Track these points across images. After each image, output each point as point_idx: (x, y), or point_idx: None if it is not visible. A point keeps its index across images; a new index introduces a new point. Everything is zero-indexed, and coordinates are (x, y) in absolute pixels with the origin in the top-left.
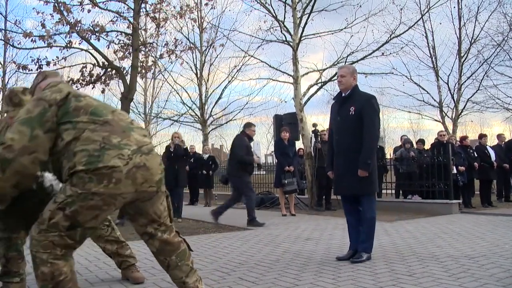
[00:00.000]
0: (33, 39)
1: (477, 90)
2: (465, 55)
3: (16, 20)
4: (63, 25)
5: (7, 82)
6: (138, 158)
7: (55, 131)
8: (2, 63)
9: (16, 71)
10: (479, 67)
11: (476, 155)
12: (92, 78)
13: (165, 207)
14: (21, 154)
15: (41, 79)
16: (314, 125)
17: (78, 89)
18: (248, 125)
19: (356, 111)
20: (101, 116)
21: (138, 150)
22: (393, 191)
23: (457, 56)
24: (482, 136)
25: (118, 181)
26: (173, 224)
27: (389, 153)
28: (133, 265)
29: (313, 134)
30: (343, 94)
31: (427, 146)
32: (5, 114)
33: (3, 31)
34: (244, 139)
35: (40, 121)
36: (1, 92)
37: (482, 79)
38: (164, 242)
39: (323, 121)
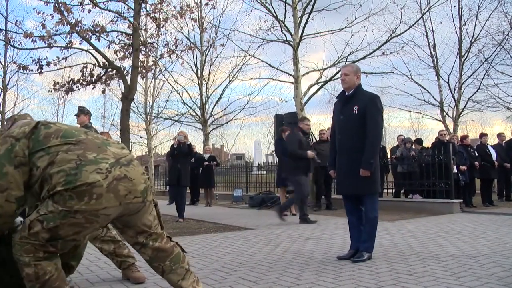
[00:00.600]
0: (34, 40)
1: (477, 89)
2: (466, 54)
3: (17, 20)
4: (64, 25)
5: (8, 82)
6: (118, 170)
7: (27, 164)
8: (3, 63)
9: (16, 71)
10: (480, 66)
11: (477, 154)
12: (93, 78)
13: (154, 216)
14: None
15: (11, 124)
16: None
17: (78, 89)
18: (302, 119)
19: (359, 110)
20: (73, 137)
21: (117, 162)
22: (393, 191)
23: (458, 55)
24: (483, 135)
25: (99, 196)
26: (163, 231)
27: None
28: (133, 265)
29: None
30: (346, 93)
31: (425, 145)
32: None
33: (3, 31)
34: (297, 133)
35: (8, 157)
36: (2, 93)
37: (483, 78)
38: (156, 250)
39: (323, 121)
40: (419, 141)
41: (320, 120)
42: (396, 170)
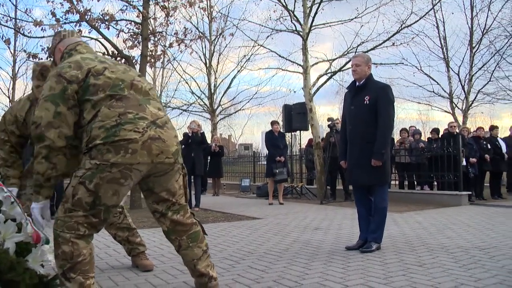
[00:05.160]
0: (43, 28)
1: (488, 81)
2: (477, 46)
3: (27, 8)
4: (73, 14)
5: (18, 70)
6: (153, 130)
7: (78, 107)
8: (13, 52)
9: (26, 59)
10: (491, 58)
11: (489, 147)
12: None
13: (181, 185)
14: (47, 130)
15: (59, 40)
16: (330, 119)
17: None
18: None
19: (370, 101)
20: (117, 92)
21: (153, 123)
22: (397, 182)
23: (469, 47)
24: (493, 128)
25: (134, 151)
26: (187, 204)
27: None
28: (142, 253)
29: (328, 128)
30: (357, 83)
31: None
32: (35, 88)
33: (13, 20)
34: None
35: (62, 97)
36: (12, 81)
37: (494, 70)
38: (175, 222)
39: (331, 112)
40: (436, 130)
41: (328, 111)
42: (398, 162)
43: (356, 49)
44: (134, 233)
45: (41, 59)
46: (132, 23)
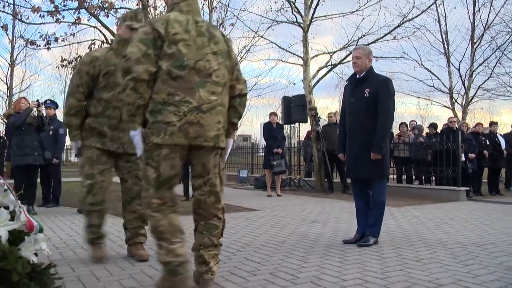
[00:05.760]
0: (42, 15)
1: (488, 77)
2: (478, 41)
3: None
4: (72, 1)
5: (16, 57)
6: (193, 115)
7: (158, 59)
8: (11, 38)
9: (24, 46)
10: (492, 54)
11: (488, 143)
12: None
13: (216, 165)
14: (136, 64)
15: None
16: (312, 108)
17: None
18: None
19: (371, 93)
20: (178, 68)
21: (196, 108)
22: (395, 176)
23: (470, 42)
24: (492, 124)
25: (172, 134)
26: (221, 190)
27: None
28: (140, 243)
29: (313, 118)
30: (357, 76)
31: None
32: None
33: (12, 5)
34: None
35: (154, 44)
36: (10, 68)
37: (495, 66)
38: (198, 203)
39: (331, 104)
40: (434, 125)
41: (327, 104)
42: (395, 157)
43: (357, 42)
44: (142, 226)
45: (39, 46)
46: (132, 11)
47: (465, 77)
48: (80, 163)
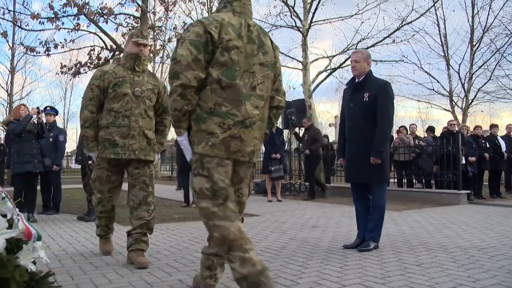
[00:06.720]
0: (41, 21)
1: (488, 80)
2: (477, 44)
3: (24, 1)
4: (71, 7)
5: (16, 64)
6: (237, 129)
7: (207, 65)
8: (11, 45)
9: (24, 53)
10: (491, 57)
11: (488, 145)
12: (100, 61)
13: (247, 177)
14: (186, 69)
15: None
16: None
17: (86, 72)
18: None
19: (370, 98)
20: (228, 78)
21: (241, 122)
22: (395, 180)
23: (469, 45)
24: (493, 126)
25: (213, 145)
26: (242, 208)
27: None
28: (141, 250)
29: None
30: (356, 80)
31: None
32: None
33: (11, 12)
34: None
35: (205, 48)
36: (10, 75)
37: (494, 68)
38: None
39: (331, 109)
40: (431, 128)
41: (327, 108)
42: (395, 160)
43: (356, 46)
44: (145, 233)
45: (39, 52)
46: (131, 17)
47: (465, 79)
48: (93, 176)
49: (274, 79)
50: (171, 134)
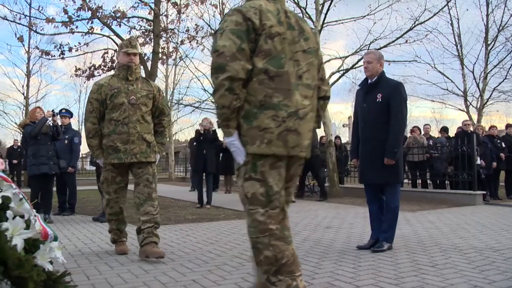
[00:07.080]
0: (56, 25)
1: (504, 79)
2: (492, 43)
3: (39, 6)
4: (85, 11)
5: (32, 67)
6: (292, 122)
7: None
8: (27, 49)
9: (40, 57)
10: (507, 55)
11: (504, 145)
12: (114, 64)
13: (297, 174)
14: (232, 60)
15: None
16: None
17: (99, 75)
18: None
19: (383, 99)
20: (276, 66)
21: (295, 113)
22: (409, 181)
23: (484, 44)
24: (509, 126)
25: (269, 142)
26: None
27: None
28: (155, 243)
29: None
30: (369, 81)
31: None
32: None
33: (27, 17)
34: None
35: (247, 36)
36: (26, 78)
37: (510, 67)
38: None
39: (344, 110)
40: (445, 129)
41: (341, 109)
42: (408, 161)
43: (369, 47)
44: (156, 227)
45: (54, 56)
46: (144, 20)
47: (480, 79)
48: (101, 179)
49: (318, 67)
50: (185, 135)
